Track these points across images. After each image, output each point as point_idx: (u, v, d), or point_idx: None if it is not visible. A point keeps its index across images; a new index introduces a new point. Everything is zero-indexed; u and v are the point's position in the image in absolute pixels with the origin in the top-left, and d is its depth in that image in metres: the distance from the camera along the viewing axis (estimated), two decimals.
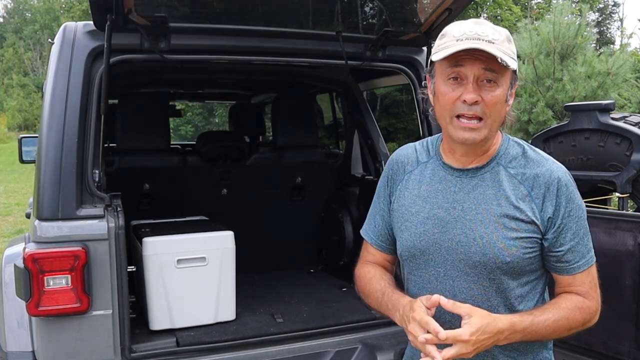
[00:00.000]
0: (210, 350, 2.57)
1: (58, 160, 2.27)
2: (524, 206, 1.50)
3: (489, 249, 1.49)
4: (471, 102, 1.44)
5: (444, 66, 1.48)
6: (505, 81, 1.47)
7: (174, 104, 6.02)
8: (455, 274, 1.54)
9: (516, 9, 19.35)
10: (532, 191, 1.50)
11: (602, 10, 29.41)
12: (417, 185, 1.63)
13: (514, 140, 1.61)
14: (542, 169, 1.52)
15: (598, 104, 3.13)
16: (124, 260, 2.30)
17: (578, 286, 1.55)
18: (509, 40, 1.48)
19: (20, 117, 36.81)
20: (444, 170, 1.60)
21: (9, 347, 2.55)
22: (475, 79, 1.44)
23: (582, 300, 1.54)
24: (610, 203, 3.51)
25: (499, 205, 1.51)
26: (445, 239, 1.55)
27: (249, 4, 2.76)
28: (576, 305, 1.53)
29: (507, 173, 1.53)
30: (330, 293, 3.39)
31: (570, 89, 7.04)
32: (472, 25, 1.45)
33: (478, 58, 1.42)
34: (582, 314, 1.53)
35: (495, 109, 1.46)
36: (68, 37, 2.39)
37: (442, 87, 1.49)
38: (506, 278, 1.52)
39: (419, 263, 1.60)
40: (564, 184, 1.51)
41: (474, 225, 1.52)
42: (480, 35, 1.42)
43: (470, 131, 1.46)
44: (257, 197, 3.99)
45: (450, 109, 1.47)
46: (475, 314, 1.40)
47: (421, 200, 1.61)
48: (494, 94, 1.45)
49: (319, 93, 4.75)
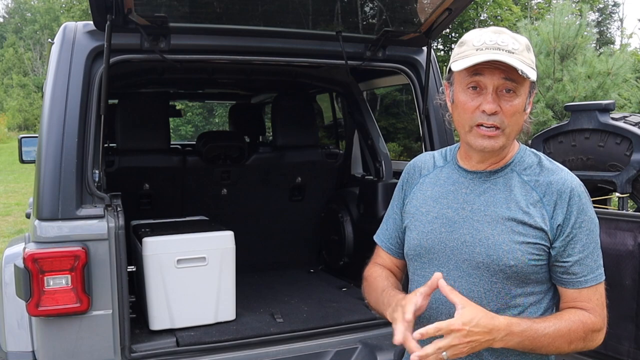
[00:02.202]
0: (210, 350, 2.57)
1: (58, 160, 2.26)
2: (534, 212, 1.49)
3: (493, 250, 1.49)
4: (490, 112, 1.44)
5: (462, 75, 1.48)
6: (524, 91, 1.47)
7: (174, 104, 6.02)
8: (458, 274, 1.53)
9: (516, 9, 19.34)
10: (544, 197, 1.49)
11: (602, 10, 29.41)
12: (430, 187, 1.66)
13: (530, 150, 1.61)
14: (556, 177, 1.51)
15: (598, 104, 3.12)
16: (124, 260, 2.30)
17: (584, 302, 1.50)
18: (529, 49, 1.48)
19: (20, 117, 36.81)
20: (457, 173, 1.62)
21: (9, 347, 2.55)
22: (495, 88, 1.44)
23: (586, 315, 1.49)
24: (610, 203, 3.50)
25: (508, 208, 1.51)
26: (451, 239, 1.56)
27: (249, 4, 2.76)
28: (580, 318, 1.47)
29: (521, 179, 1.53)
30: (330, 293, 3.39)
31: (570, 89, 7.04)
32: (492, 34, 1.45)
33: (498, 68, 1.42)
34: (585, 328, 1.47)
35: (513, 118, 1.46)
36: (68, 37, 2.39)
37: (461, 96, 1.49)
38: (508, 284, 1.50)
39: (424, 262, 1.61)
40: (577, 194, 1.49)
41: (480, 226, 1.52)
42: (500, 45, 1.42)
43: (489, 139, 1.47)
44: (257, 197, 3.98)
45: (470, 117, 1.48)
46: (469, 305, 1.38)
47: (432, 200, 1.62)
48: (512, 104, 1.45)
49: (319, 93, 4.76)
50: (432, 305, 1.53)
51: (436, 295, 1.51)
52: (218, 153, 3.85)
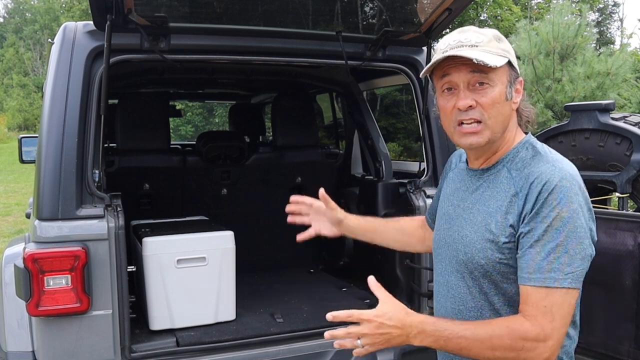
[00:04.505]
0: (210, 350, 2.57)
1: (58, 160, 2.27)
2: (509, 208, 1.44)
3: (469, 248, 1.51)
4: (464, 108, 1.46)
5: (437, 81, 1.53)
6: (500, 80, 1.47)
7: (174, 104, 6.02)
8: (450, 269, 1.59)
9: (516, 9, 19.35)
10: (520, 191, 1.43)
11: (602, 10, 29.39)
12: (448, 184, 1.74)
13: (531, 144, 1.53)
14: (536, 169, 1.43)
15: (598, 104, 3.12)
16: (124, 260, 2.30)
17: (529, 305, 1.36)
18: (498, 39, 1.49)
19: (20, 117, 36.81)
20: (464, 172, 1.67)
21: (9, 347, 2.55)
22: (466, 84, 1.47)
23: (518, 320, 1.35)
24: (610, 203, 3.51)
25: (488, 206, 1.50)
26: (447, 236, 1.62)
27: (249, 4, 2.76)
28: (508, 324, 1.36)
29: (509, 175, 1.51)
30: (330, 293, 3.39)
31: (569, 90, 7.03)
32: (456, 34, 1.49)
33: (464, 63, 1.45)
34: (511, 336, 1.33)
35: (494, 109, 1.47)
36: (68, 37, 2.39)
37: (440, 101, 1.54)
38: (485, 282, 1.49)
39: (435, 256, 1.70)
40: (551, 186, 1.37)
41: (465, 224, 1.55)
42: (463, 42, 1.45)
43: (472, 135, 1.48)
44: (257, 197, 3.98)
45: (450, 119, 1.51)
46: (387, 302, 1.43)
47: (446, 198, 1.71)
48: (489, 96, 1.46)
49: (319, 93, 4.75)
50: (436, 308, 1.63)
51: (437, 298, 1.64)
52: (218, 153, 3.85)
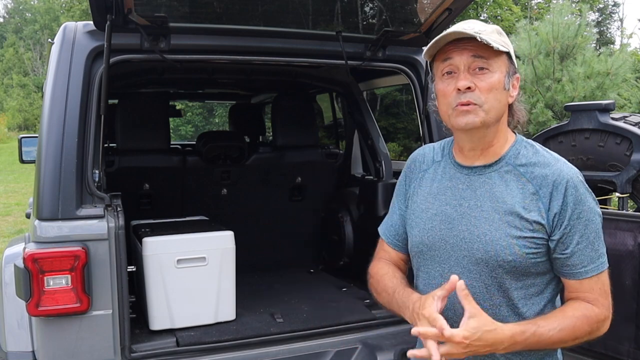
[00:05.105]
0: (210, 350, 2.57)
1: (58, 160, 2.26)
2: (530, 205, 1.49)
3: (491, 246, 1.50)
4: (464, 88, 1.47)
5: (437, 65, 1.54)
6: (499, 67, 1.49)
7: (174, 104, 6.02)
8: (459, 270, 1.55)
9: (516, 9, 19.34)
10: (540, 190, 1.49)
11: (602, 10, 29.39)
12: (429, 183, 1.67)
13: (527, 142, 1.60)
14: (552, 169, 1.50)
15: (598, 104, 3.13)
16: (124, 260, 2.30)
17: (586, 292, 1.50)
18: (499, 33, 1.52)
19: (20, 117, 36.81)
20: (454, 169, 1.63)
21: (9, 347, 2.55)
22: (467, 67, 1.48)
23: (590, 308, 1.49)
24: (610, 203, 3.51)
25: (504, 203, 1.51)
26: (450, 235, 1.57)
27: (249, 4, 2.76)
28: (583, 313, 1.48)
29: (517, 172, 1.53)
30: (330, 293, 3.39)
31: (569, 90, 7.03)
32: (461, 24, 1.50)
33: (465, 48, 1.47)
34: (589, 322, 1.48)
35: (491, 94, 1.48)
36: (68, 37, 2.39)
37: (439, 85, 1.54)
38: (508, 278, 1.51)
39: (426, 259, 1.63)
40: (573, 185, 1.48)
41: (478, 222, 1.53)
42: (466, 29, 1.46)
43: (467, 114, 1.48)
44: (257, 197, 3.98)
45: (448, 102, 1.51)
46: (476, 317, 1.39)
47: (432, 197, 1.64)
48: (487, 81, 1.48)
49: (319, 93, 4.75)
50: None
51: None
52: (218, 153, 3.85)
